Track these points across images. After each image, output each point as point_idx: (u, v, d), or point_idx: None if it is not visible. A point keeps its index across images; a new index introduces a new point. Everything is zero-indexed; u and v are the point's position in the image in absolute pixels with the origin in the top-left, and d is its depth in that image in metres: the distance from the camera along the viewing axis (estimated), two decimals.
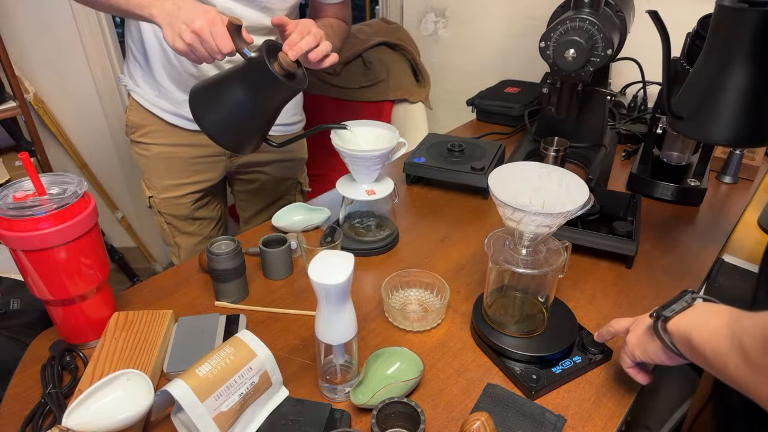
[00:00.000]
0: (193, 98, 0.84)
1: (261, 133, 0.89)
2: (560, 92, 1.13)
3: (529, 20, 1.84)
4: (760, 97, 0.76)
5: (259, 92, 0.82)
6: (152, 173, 1.23)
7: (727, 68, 0.77)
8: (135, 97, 1.18)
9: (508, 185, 0.72)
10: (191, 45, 0.82)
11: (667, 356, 0.61)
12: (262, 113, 0.86)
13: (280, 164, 1.35)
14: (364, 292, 0.95)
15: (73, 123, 2.11)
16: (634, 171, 1.24)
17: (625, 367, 0.69)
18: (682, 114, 0.81)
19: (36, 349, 0.83)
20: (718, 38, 0.78)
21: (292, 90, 0.83)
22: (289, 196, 1.43)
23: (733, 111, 0.77)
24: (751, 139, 0.79)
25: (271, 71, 0.78)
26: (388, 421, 0.67)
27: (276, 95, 0.84)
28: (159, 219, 1.29)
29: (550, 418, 0.69)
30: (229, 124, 0.85)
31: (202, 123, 0.84)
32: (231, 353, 0.67)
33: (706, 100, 0.79)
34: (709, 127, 0.79)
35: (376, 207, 1.07)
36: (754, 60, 0.75)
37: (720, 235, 1.09)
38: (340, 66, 1.90)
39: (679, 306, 0.59)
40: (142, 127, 1.19)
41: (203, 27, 0.80)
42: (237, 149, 0.90)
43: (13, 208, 0.70)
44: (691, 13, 1.09)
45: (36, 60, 1.95)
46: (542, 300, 0.80)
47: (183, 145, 1.20)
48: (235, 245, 0.89)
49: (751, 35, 0.73)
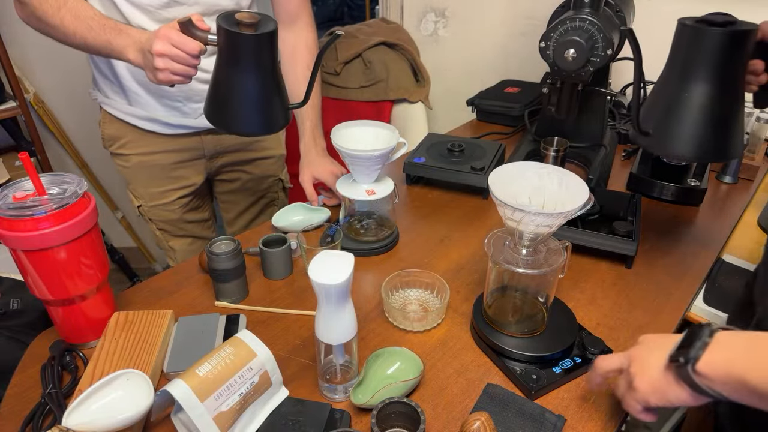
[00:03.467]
0: (211, 116, 0.83)
1: (281, 98, 0.85)
2: (560, 92, 1.13)
3: (529, 20, 1.84)
4: (720, 113, 0.77)
5: (248, 61, 0.78)
6: (137, 183, 1.23)
7: (686, 85, 0.78)
8: (107, 108, 1.17)
9: (508, 185, 0.72)
10: (166, 68, 0.81)
11: (694, 399, 0.55)
12: (266, 78, 0.81)
13: (260, 162, 1.35)
14: (364, 292, 0.95)
15: (73, 123, 2.11)
16: (634, 171, 1.24)
17: (635, 413, 0.62)
18: (648, 130, 0.82)
19: (36, 349, 0.83)
20: (679, 55, 0.79)
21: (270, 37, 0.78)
22: (272, 194, 1.42)
23: (693, 127, 0.78)
24: (712, 154, 0.80)
25: (240, 32, 0.75)
26: (388, 421, 0.67)
27: (262, 52, 0.79)
28: (151, 226, 1.29)
29: (550, 418, 0.69)
30: (252, 110, 0.81)
31: (234, 128, 0.83)
32: (231, 353, 0.67)
33: (668, 116, 0.80)
34: (671, 142, 0.80)
35: (376, 207, 1.07)
36: (713, 77, 0.76)
37: (720, 235, 1.09)
38: (340, 66, 1.89)
39: (702, 343, 0.53)
40: (118, 139, 1.19)
41: (163, 46, 0.80)
42: (273, 128, 0.86)
43: (13, 208, 0.70)
44: (691, 13, 1.08)
45: (36, 60, 1.96)
46: (542, 300, 0.80)
47: (161, 152, 1.20)
48: (235, 245, 0.89)
49: (710, 54, 0.75)
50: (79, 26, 0.91)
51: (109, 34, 0.89)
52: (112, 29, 0.89)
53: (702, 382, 0.52)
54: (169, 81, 0.84)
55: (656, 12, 1.48)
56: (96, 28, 0.90)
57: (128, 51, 0.87)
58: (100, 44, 0.91)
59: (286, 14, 1.18)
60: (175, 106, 1.14)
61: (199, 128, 1.19)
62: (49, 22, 0.93)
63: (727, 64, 0.75)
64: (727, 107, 0.78)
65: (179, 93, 1.12)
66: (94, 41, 0.91)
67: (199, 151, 1.24)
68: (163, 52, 0.80)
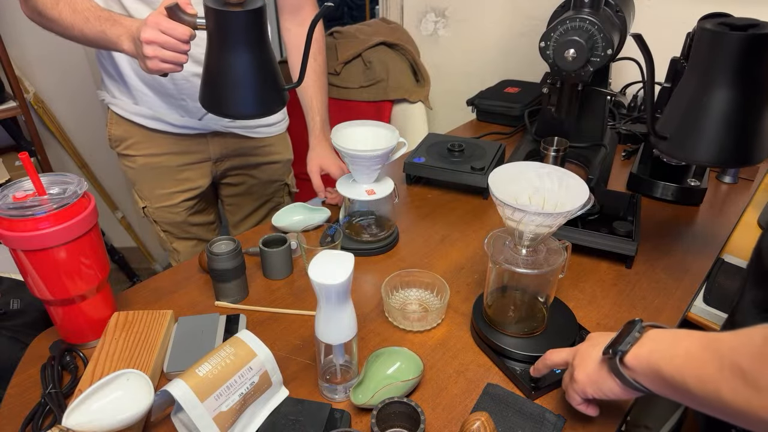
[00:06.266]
0: (205, 101, 0.81)
1: (274, 77, 0.82)
2: (560, 92, 1.13)
3: (529, 20, 1.83)
4: (741, 118, 0.77)
5: (237, 39, 0.76)
6: (142, 184, 1.23)
7: (707, 90, 0.77)
8: (114, 109, 1.17)
9: (508, 185, 0.72)
10: (155, 56, 0.80)
11: (624, 392, 0.58)
12: (258, 56, 0.79)
13: (266, 167, 1.34)
14: (364, 292, 0.95)
15: (73, 123, 2.11)
16: (634, 171, 1.24)
17: (575, 404, 0.66)
18: (665, 134, 0.82)
19: (36, 349, 0.83)
20: (699, 60, 0.79)
21: (257, 13, 0.76)
22: (277, 198, 1.42)
23: (714, 132, 0.77)
24: (733, 160, 0.80)
25: (227, 11, 0.73)
26: (388, 421, 0.67)
27: (251, 29, 0.77)
28: (155, 227, 1.29)
29: (550, 418, 0.69)
30: (246, 91, 0.79)
31: (229, 111, 0.81)
32: (231, 353, 0.67)
33: (688, 121, 0.79)
34: (691, 147, 0.80)
35: (376, 207, 1.07)
36: (734, 82, 0.75)
37: (720, 235, 1.09)
38: (339, 66, 1.89)
39: (631, 338, 0.56)
40: (125, 140, 1.19)
41: (152, 33, 0.78)
42: (269, 108, 0.83)
43: (13, 208, 0.70)
44: (692, 13, 1.09)
45: (36, 60, 1.96)
46: (542, 300, 0.80)
47: (168, 154, 1.20)
48: (235, 245, 0.89)
49: (731, 58, 0.74)
50: (76, 18, 0.90)
51: (104, 24, 0.88)
52: (107, 20, 0.89)
53: (628, 374, 0.56)
54: (160, 69, 0.82)
55: (656, 12, 1.48)
56: (92, 20, 0.89)
57: (122, 41, 0.86)
58: (96, 35, 0.90)
59: (289, 4, 1.18)
60: (179, 104, 1.14)
61: (205, 130, 1.19)
62: (48, 15, 0.92)
63: (749, 67, 0.74)
64: (750, 112, 0.77)
65: (182, 90, 1.12)
66: (90, 32, 0.90)
67: (204, 154, 1.24)
68: (152, 40, 0.79)
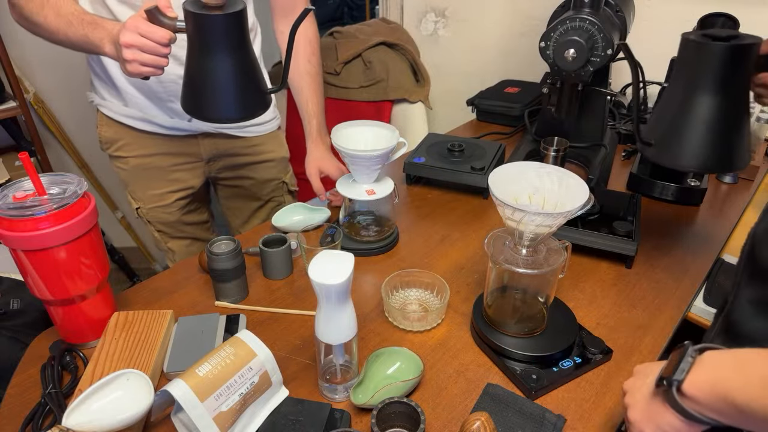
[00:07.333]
0: (187, 105, 0.80)
1: (256, 81, 0.81)
2: (560, 92, 1.13)
3: (529, 20, 1.83)
4: (723, 125, 0.79)
5: (217, 42, 0.75)
6: (135, 185, 1.23)
7: (691, 98, 0.79)
8: (104, 111, 1.17)
9: (508, 185, 0.72)
10: (134, 59, 0.79)
11: (686, 426, 0.51)
12: (239, 59, 0.77)
13: (261, 165, 1.33)
14: (364, 292, 0.95)
15: (73, 123, 2.11)
16: (634, 171, 1.24)
17: None
18: (650, 140, 0.84)
19: (36, 349, 0.83)
20: (683, 69, 0.81)
21: (237, 16, 0.75)
22: (277, 197, 1.41)
23: (698, 138, 0.79)
24: (717, 166, 0.82)
25: (207, 14, 0.72)
26: (388, 421, 0.67)
27: (231, 32, 0.75)
28: (149, 228, 1.29)
29: (550, 418, 0.69)
30: (228, 94, 0.78)
31: (210, 115, 0.79)
32: (231, 353, 0.67)
33: (673, 127, 0.81)
34: (676, 152, 0.81)
35: (376, 207, 1.07)
36: (716, 90, 0.77)
37: (720, 235, 1.09)
38: (339, 66, 1.89)
39: (685, 364, 0.50)
40: (115, 141, 1.19)
41: (131, 36, 0.77)
42: (251, 112, 0.82)
43: (13, 208, 0.70)
44: (692, 13, 1.09)
45: (36, 60, 1.96)
46: (542, 300, 0.80)
47: (158, 154, 1.20)
48: (235, 245, 0.89)
49: (714, 67, 0.76)
50: (60, 23, 0.90)
51: (86, 28, 0.88)
52: (90, 23, 0.88)
53: (689, 405, 0.49)
54: (139, 72, 0.81)
55: (656, 12, 1.48)
56: (75, 23, 0.89)
57: (104, 44, 0.86)
58: (79, 39, 0.89)
59: (281, 6, 1.17)
60: (168, 106, 1.14)
61: (194, 131, 1.19)
62: (34, 20, 0.92)
63: (731, 77, 0.76)
64: (732, 119, 0.79)
65: (170, 92, 1.11)
66: (74, 36, 0.90)
67: (196, 155, 1.24)
68: (131, 43, 0.78)
